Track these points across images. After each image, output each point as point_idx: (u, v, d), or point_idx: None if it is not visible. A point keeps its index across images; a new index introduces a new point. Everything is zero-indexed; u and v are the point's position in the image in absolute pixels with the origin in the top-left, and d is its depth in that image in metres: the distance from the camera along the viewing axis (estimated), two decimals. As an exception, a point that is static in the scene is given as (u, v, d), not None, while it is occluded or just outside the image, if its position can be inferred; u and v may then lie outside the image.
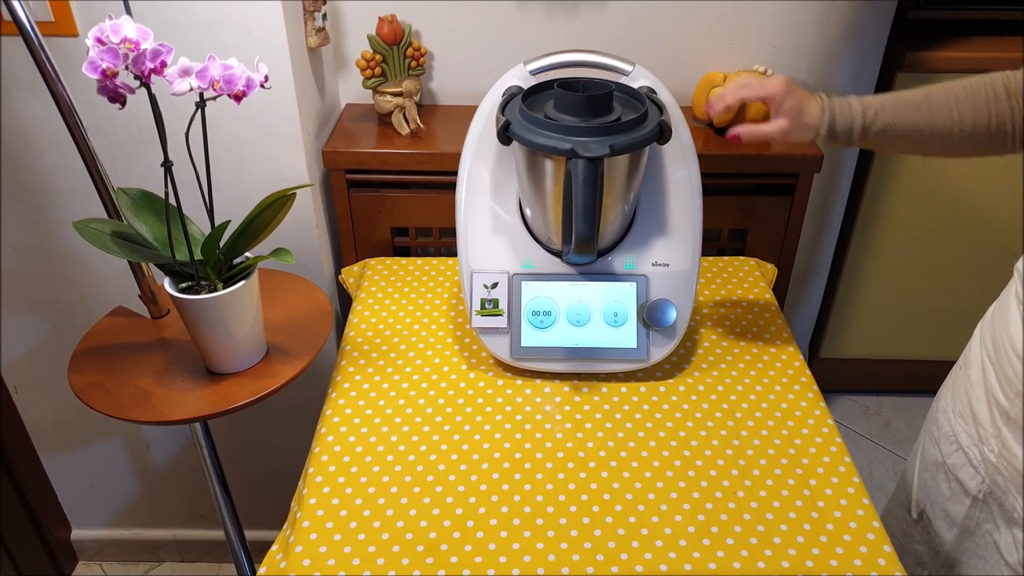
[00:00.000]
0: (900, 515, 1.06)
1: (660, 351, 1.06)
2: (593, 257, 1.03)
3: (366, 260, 1.34)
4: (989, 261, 1.83)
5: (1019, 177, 1.71)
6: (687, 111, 1.43)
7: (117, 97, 0.82)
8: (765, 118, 1.35)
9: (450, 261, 1.32)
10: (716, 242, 1.42)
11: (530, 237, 1.08)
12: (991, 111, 0.84)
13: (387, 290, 1.25)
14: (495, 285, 1.06)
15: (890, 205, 1.78)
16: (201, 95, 0.86)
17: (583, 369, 1.07)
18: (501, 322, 1.06)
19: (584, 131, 0.92)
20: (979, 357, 0.90)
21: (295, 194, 0.96)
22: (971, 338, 0.96)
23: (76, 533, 1.76)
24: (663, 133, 0.98)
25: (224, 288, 0.96)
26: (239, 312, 0.99)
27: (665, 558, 0.84)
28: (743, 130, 0.95)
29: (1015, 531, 0.85)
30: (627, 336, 1.06)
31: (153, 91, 0.84)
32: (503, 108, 1.00)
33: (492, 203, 1.08)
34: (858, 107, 0.89)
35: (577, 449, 0.97)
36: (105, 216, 1.03)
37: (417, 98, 1.39)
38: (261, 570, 0.87)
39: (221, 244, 0.96)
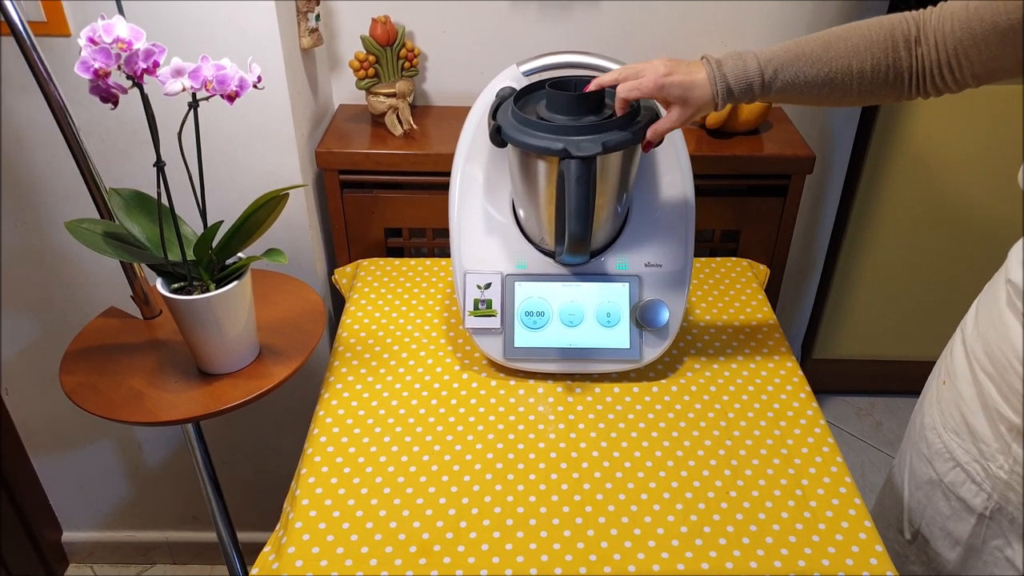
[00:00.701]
0: (890, 536, 1.03)
1: (653, 351, 1.06)
2: (586, 258, 1.03)
3: (359, 261, 1.34)
4: (982, 262, 1.84)
5: (1012, 177, 1.71)
6: (680, 112, 1.43)
7: (109, 97, 0.82)
8: (759, 117, 1.36)
9: (443, 262, 1.32)
10: (709, 243, 1.43)
11: (523, 238, 1.08)
12: (889, 60, 0.82)
13: (380, 291, 1.25)
14: (488, 286, 1.06)
15: (882, 206, 1.79)
16: (194, 95, 0.86)
17: (576, 370, 1.07)
18: (494, 323, 1.06)
19: (576, 130, 0.92)
20: (968, 371, 0.88)
21: (288, 194, 0.96)
22: (950, 351, 0.94)
23: (67, 535, 1.75)
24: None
25: (217, 289, 0.96)
26: (232, 313, 0.98)
27: (658, 558, 0.85)
28: (650, 136, 0.92)
29: None
30: (620, 336, 1.06)
31: (146, 91, 0.84)
32: (494, 112, 1.01)
33: (485, 204, 1.08)
34: (755, 66, 0.85)
35: (570, 450, 0.97)
36: (97, 216, 1.02)
37: (410, 99, 1.39)
38: (253, 571, 0.87)
39: (214, 244, 0.96)
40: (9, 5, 0.88)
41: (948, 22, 0.79)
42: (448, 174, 1.10)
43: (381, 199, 1.36)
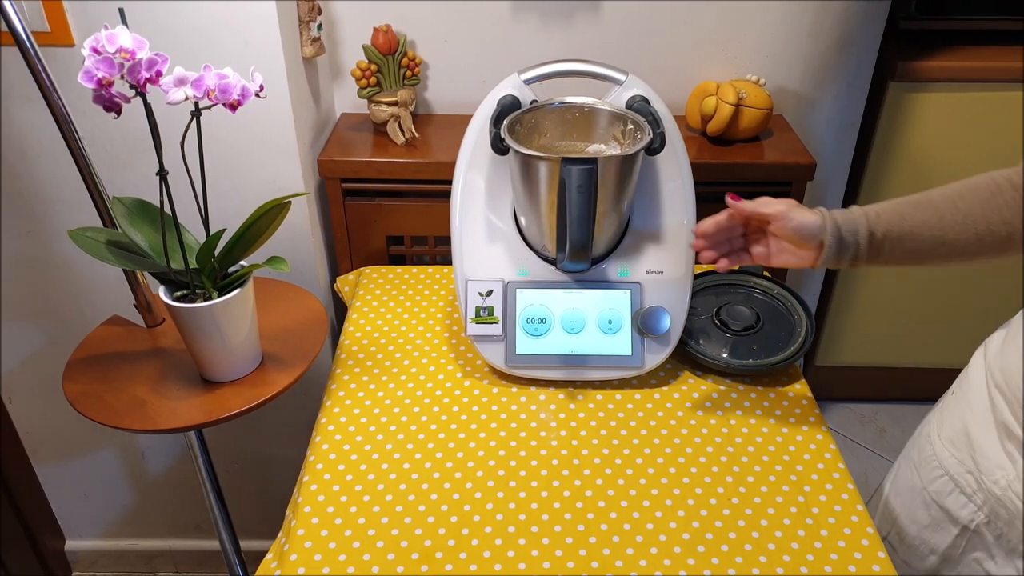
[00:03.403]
0: None
1: (654, 358, 1.07)
2: (587, 265, 1.03)
3: (361, 268, 1.34)
4: (984, 269, 1.84)
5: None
6: (680, 120, 1.44)
7: (112, 106, 0.82)
8: (760, 124, 1.36)
9: (445, 269, 1.32)
10: (710, 250, 1.43)
11: (525, 245, 1.08)
12: (1000, 202, 0.80)
13: (382, 298, 1.26)
14: (490, 293, 1.07)
15: (883, 213, 1.78)
16: (196, 104, 0.86)
17: (578, 377, 1.07)
18: (496, 330, 1.06)
19: None
20: (984, 387, 0.87)
21: (290, 203, 0.96)
22: (969, 367, 0.93)
23: (70, 544, 1.75)
24: (656, 143, 0.99)
25: (219, 297, 0.96)
26: (234, 320, 0.99)
27: (660, 565, 0.84)
28: (742, 209, 0.91)
29: (1017, 562, 0.84)
30: (622, 344, 1.06)
31: (148, 100, 0.84)
32: (495, 120, 1.01)
33: (487, 211, 1.08)
34: (859, 211, 0.84)
35: (572, 456, 0.97)
36: (100, 225, 1.03)
37: (412, 107, 1.40)
38: (256, 579, 0.87)
39: (216, 253, 0.96)
40: (13, 15, 0.89)
41: None
42: (450, 182, 1.10)
43: (383, 207, 1.36)
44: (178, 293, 0.98)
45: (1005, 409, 0.82)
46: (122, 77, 0.81)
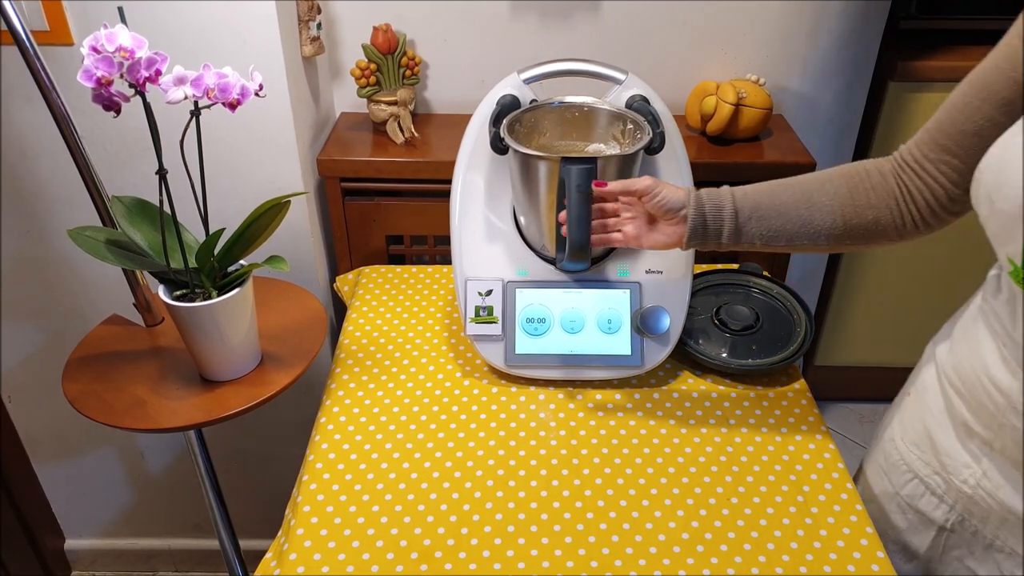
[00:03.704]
0: None
1: (654, 358, 1.07)
2: (587, 264, 1.03)
3: (361, 268, 1.34)
4: (983, 268, 1.84)
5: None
6: (680, 119, 1.44)
7: (112, 106, 0.82)
8: (759, 124, 1.36)
9: (445, 269, 1.32)
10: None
11: (524, 245, 1.08)
12: (867, 186, 0.82)
13: (382, 298, 1.26)
14: (489, 292, 1.07)
15: (883, 213, 1.78)
16: (196, 103, 0.86)
17: (577, 376, 1.07)
18: (495, 329, 1.06)
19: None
20: (937, 386, 0.87)
21: (289, 202, 0.96)
22: (920, 367, 0.93)
23: (70, 543, 1.75)
24: (656, 143, 0.98)
25: (218, 296, 0.96)
26: (233, 320, 0.99)
27: (659, 564, 0.84)
28: (611, 187, 0.91)
29: (996, 555, 0.83)
30: (621, 343, 1.06)
31: (148, 99, 0.84)
32: (495, 119, 1.01)
33: (486, 211, 1.08)
34: (727, 189, 0.87)
35: (571, 456, 0.97)
36: (100, 224, 1.03)
37: (412, 107, 1.40)
38: (255, 578, 0.87)
39: (216, 252, 0.96)
40: (12, 14, 0.89)
41: (920, 147, 0.80)
42: (449, 181, 1.10)
43: (382, 206, 1.36)
44: (177, 292, 0.98)
45: (963, 407, 0.81)
46: (121, 76, 0.81)
